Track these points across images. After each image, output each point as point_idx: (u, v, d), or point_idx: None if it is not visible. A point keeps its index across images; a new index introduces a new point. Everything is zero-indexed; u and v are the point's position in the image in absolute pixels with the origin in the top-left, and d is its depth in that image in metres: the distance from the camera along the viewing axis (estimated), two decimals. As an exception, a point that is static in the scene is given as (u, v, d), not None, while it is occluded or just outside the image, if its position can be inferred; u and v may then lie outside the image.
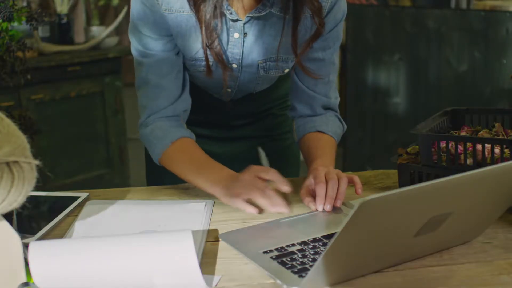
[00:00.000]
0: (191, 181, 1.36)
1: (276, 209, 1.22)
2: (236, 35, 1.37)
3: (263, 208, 1.24)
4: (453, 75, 3.34)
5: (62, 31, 3.41)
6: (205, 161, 1.36)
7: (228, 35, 1.37)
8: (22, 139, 0.95)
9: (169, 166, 1.40)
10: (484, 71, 3.23)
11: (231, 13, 1.34)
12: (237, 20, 1.35)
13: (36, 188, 0.95)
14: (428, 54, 3.43)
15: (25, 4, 3.39)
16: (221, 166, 1.34)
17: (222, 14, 1.33)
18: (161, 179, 1.50)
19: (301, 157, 1.56)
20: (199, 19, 1.32)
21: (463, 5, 4.54)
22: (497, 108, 1.52)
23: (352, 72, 3.80)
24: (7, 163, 0.89)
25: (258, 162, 1.68)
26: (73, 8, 3.51)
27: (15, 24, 1.93)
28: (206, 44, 1.34)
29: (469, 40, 3.26)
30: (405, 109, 3.59)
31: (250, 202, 1.24)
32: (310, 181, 1.28)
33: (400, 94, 3.59)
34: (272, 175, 1.26)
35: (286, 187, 1.25)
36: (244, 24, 1.36)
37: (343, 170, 1.34)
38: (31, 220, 1.25)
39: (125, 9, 3.49)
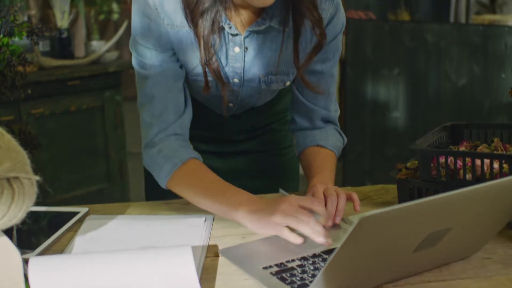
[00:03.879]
0: (204, 205, 1.30)
1: (321, 240, 1.14)
2: (237, 49, 1.38)
3: (308, 237, 1.17)
4: (452, 89, 3.34)
5: (62, 46, 3.42)
6: (220, 184, 1.31)
7: (228, 49, 1.38)
8: (22, 155, 0.95)
9: (178, 189, 1.35)
10: (483, 85, 3.24)
11: (230, 28, 1.34)
12: (237, 35, 1.36)
13: (36, 203, 0.96)
14: (427, 68, 3.44)
15: (25, 18, 3.40)
16: (237, 189, 1.29)
17: (221, 29, 1.34)
18: (161, 194, 1.49)
19: (301, 171, 1.56)
20: (197, 34, 1.33)
21: (462, 19, 4.56)
22: (496, 123, 1.52)
23: (351, 86, 3.81)
24: (8, 179, 0.90)
25: (258, 176, 1.69)
26: (73, 23, 3.53)
27: (16, 39, 1.94)
28: (205, 61, 1.35)
29: (468, 54, 3.27)
30: (405, 123, 3.60)
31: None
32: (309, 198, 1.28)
33: (400, 108, 3.60)
34: (317, 206, 1.21)
35: (330, 222, 1.22)
36: (244, 38, 1.37)
37: (343, 184, 1.34)
38: (31, 235, 1.25)
39: (125, 24, 3.50)
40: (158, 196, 1.50)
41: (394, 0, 5.05)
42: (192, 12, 1.31)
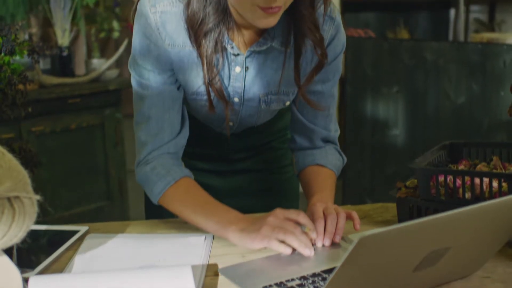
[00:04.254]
0: (197, 223, 1.32)
1: (307, 252, 1.19)
2: (238, 69, 1.38)
3: (296, 249, 1.21)
4: (451, 107, 3.35)
5: (63, 64, 3.44)
6: (212, 203, 1.34)
7: (229, 69, 1.39)
8: (23, 174, 0.96)
9: (170, 206, 1.37)
10: (482, 103, 3.25)
11: (232, 48, 1.35)
12: (238, 55, 1.37)
13: (36, 222, 0.96)
14: (426, 86, 3.45)
15: (26, 37, 3.42)
16: (228, 208, 1.32)
17: (223, 49, 1.35)
18: (161, 213, 1.49)
19: (301, 189, 1.57)
20: (200, 54, 1.34)
21: (461, 37, 4.58)
22: (495, 141, 1.53)
23: (351, 104, 3.82)
24: (9, 198, 0.90)
25: (257, 194, 1.69)
26: (74, 41, 3.54)
27: (17, 57, 1.95)
28: (208, 80, 1.36)
29: (467, 72, 3.28)
30: (404, 141, 3.61)
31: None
32: (308, 217, 1.29)
33: (399, 126, 3.60)
34: (302, 218, 1.25)
35: (314, 234, 1.24)
36: (246, 58, 1.38)
37: (343, 203, 1.35)
38: (31, 254, 1.25)
39: (125, 42, 3.52)
40: (157, 213, 1.51)
41: (393, 18, 5.07)
42: (196, 32, 1.32)
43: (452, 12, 5.41)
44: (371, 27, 4.83)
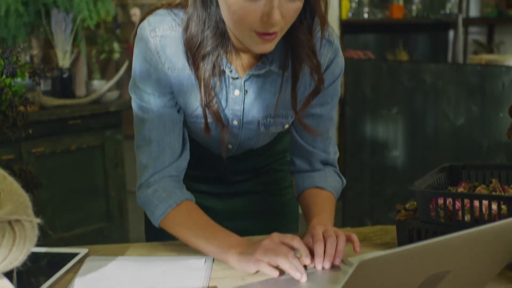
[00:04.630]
0: (197, 246, 1.33)
1: (298, 275, 1.19)
2: (237, 92, 1.39)
3: (287, 272, 1.21)
4: (450, 128, 3.36)
5: (63, 85, 3.45)
6: (213, 227, 1.34)
7: (228, 92, 1.39)
8: (24, 197, 0.96)
9: (171, 229, 1.38)
10: (481, 124, 3.25)
11: (231, 71, 1.36)
12: (237, 78, 1.38)
13: (36, 244, 0.96)
14: (426, 107, 3.46)
15: (28, 58, 3.44)
16: (229, 232, 1.32)
17: (222, 72, 1.36)
18: (161, 235, 1.49)
19: (300, 211, 1.57)
20: (198, 77, 1.35)
21: (460, 59, 4.60)
22: (494, 164, 1.54)
23: (350, 125, 3.83)
24: (9, 222, 0.90)
25: (257, 216, 1.69)
26: (74, 62, 3.56)
27: (18, 79, 1.96)
28: (205, 103, 1.36)
29: (466, 94, 3.29)
30: (404, 162, 3.61)
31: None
32: (308, 239, 1.29)
33: (399, 147, 3.61)
34: (297, 243, 1.25)
35: (307, 259, 1.24)
36: (245, 81, 1.39)
37: (343, 224, 1.35)
38: (30, 276, 1.25)
39: (126, 64, 3.54)
40: (157, 235, 1.51)
41: (392, 40, 5.11)
42: (194, 55, 1.33)
43: (451, 33, 5.45)
44: (371, 48, 4.86)
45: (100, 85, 3.61)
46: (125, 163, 3.61)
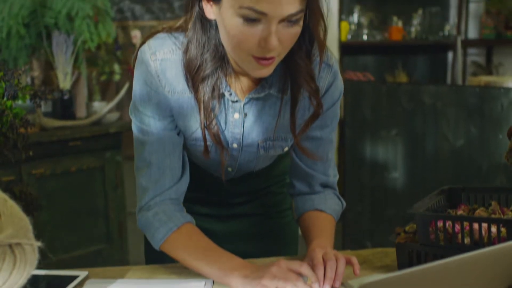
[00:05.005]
0: (199, 269, 1.32)
1: None
2: (237, 115, 1.40)
3: None
4: (450, 149, 3.37)
5: (64, 106, 3.45)
6: (214, 250, 1.34)
7: (227, 115, 1.40)
8: (25, 221, 0.96)
9: (172, 252, 1.37)
10: (480, 146, 3.26)
11: (230, 94, 1.37)
12: (237, 101, 1.39)
13: (36, 266, 0.96)
14: (425, 129, 3.47)
15: (28, 80, 3.46)
16: (230, 254, 1.32)
17: (221, 95, 1.37)
18: (161, 257, 1.49)
19: (300, 233, 1.57)
20: (197, 99, 1.36)
21: (459, 81, 4.63)
22: (493, 186, 1.54)
23: (350, 147, 3.84)
24: (10, 245, 0.90)
25: (257, 239, 1.69)
26: (75, 84, 3.58)
27: (19, 102, 1.97)
28: (204, 125, 1.37)
29: (465, 115, 3.30)
30: (404, 183, 3.61)
31: None
32: (308, 262, 1.29)
33: (398, 169, 3.61)
34: (305, 269, 1.24)
35: (316, 286, 1.24)
36: (244, 104, 1.39)
37: (343, 245, 1.35)
38: (30, 299, 1.25)
39: (126, 85, 3.55)
40: (157, 257, 1.50)
41: (392, 61, 5.13)
42: (193, 78, 1.34)
43: (450, 55, 5.47)
44: (370, 70, 4.89)
45: (101, 107, 3.62)
46: (125, 184, 3.61)
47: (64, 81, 3.44)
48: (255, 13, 1.19)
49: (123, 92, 3.54)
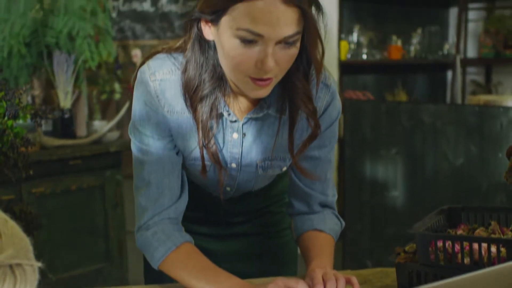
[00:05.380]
0: None
1: None
2: (235, 135, 1.41)
3: None
4: (449, 168, 3.37)
5: (64, 125, 3.46)
6: (213, 269, 1.35)
7: (226, 135, 1.41)
8: (25, 241, 0.96)
9: (171, 271, 1.38)
10: (480, 165, 3.26)
11: (229, 114, 1.38)
12: (235, 121, 1.39)
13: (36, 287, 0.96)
14: (425, 148, 3.47)
15: (29, 98, 3.46)
16: (229, 274, 1.32)
17: (220, 115, 1.37)
18: (160, 277, 1.49)
19: (299, 251, 1.57)
20: (196, 119, 1.36)
21: (458, 99, 4.64)
22: (493, 206, 1.55)
23: (350, 166, 3.84)
24: (10, 266, 0.90)
25: (256, 258, 1.69)
26: (75, 102, 3.58)
27: (20, 121, 1.98)
28: (203, 144, 1.38)
29: (465, 134, 3.31)
30: (404, 202, 3.61)
31: None
32: (307, 282, 1.29)
33: (398, 188, 3.61)
34: (301, 286, 1.25)
35: None
36: (243, 124, 1.40)
37: (343, 264, 1.35)
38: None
39: (127, 104, 3.56)
40: (156, 277, 1.51)
41: (391, 80, 5.15)
42: (191, 97, 1.35)
43: (449, 74, 5.49)
44: (370, 89, 4.90)
45: (101, 126, 3.63)
46: (125, 203, 3.60)
47: (65, 100, 3.45)
48: (252, 35, 1.20)
49: (123, 111, 3.55)
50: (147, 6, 4.34)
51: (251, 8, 1.19)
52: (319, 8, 1.28)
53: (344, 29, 4.52)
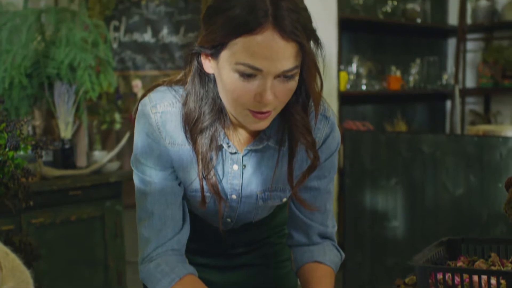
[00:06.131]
0: None
1: None
2: (235, 167, 1.42)
3: None
4: (449, 199, 3.37)
5: (64, 156, 3.46)
6: None
7: (226, 166, 1.42)
8: (26, 274, 0.97)
9: None
10: (480, 195, 3.27)
11: (229, 146, 1.39)
12: (235, 153, 1.40)
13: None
14: (424, 178, 3.48)
15: (30, 129, 3.47)
16: None
17: (220, 147, 1.38)
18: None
19: (299, 282, 1.57)
20: (195, 151, 1.37)
21: (457, 129, 4.66)
22: (493, 237, 1.55)
23: (350, 196, 3.84)
24: (11, 299, 0.91)
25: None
26: (75, 133, 3.59)
27: (21, 152, 1.99)
28: (202, 175, 1.38)
29: (464, 164, 3.32)
30: (404, 232, 3.61)
31: None
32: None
33: (398, 218, 3.61)
34: None
35: None
36: (243, 156, 1.41)
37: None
38: None
39: (127, 135, 3.57)
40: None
41: (390, 110, 5.17)
42: (191, 129, 1.36)
43: (448, 103, 5.52)
44: (369, 119, 4.92)
45: (101, 156, 3.63)
46: (125, 233, 3.60)
47: (65, 131, 3.46)
48: (251, 69, 1.22)
49: (123, 141, 3.56)
50: (148, 37, 4.38)
51: (250, 43, 1.20)
52: (317, 41, 1.29)
53: (343, 60, 4.55)
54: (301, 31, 1.22)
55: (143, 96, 1.43)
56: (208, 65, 1.31)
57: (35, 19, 3.39)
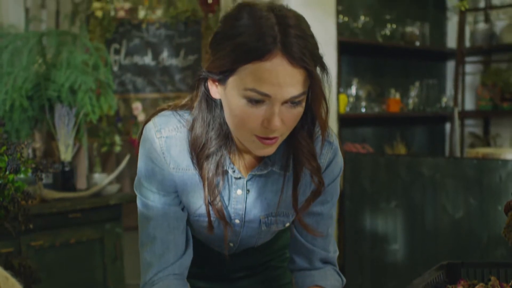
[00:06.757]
0: None
1: None
2: (239, 192, 1.42)
3: None
4: (449, 221, 3.37)
5: (64, 178, 3.46)
6: None
7: (231, 191, 1.42)
8: (26, 299, 0.97)
9: None
10: (480, 218, 3.26)
11: (234, 171, 1.39)
12: (240, 178, 1.40)
13: None
14: (424, 201, 3.48)
15: (30, 151, 3.48)
16: None
17: (225, 172, 1.39)
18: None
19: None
20: (202, 176, 1.37)
21: (457, 151, 4.66)
22: (492, 261, 1.55)
23: (350, 219, 3.84)
24: (11, 324, 0.91)
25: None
26: (75, 155, 3.60)
27: (21, 175, 1.99)
28: (208, 201, 1.39)
29: (464, 187, 3.32)
30: (404, 255, 3.60)
31: None
32: None
33: (398, 241, 3.61)
34: None
35: None
36: (247, 181, 1.41)
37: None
38: None
39: (127, 157, 3.57)
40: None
41: (390, 133, 5.17)
42: (198, 155, 1.37)
43: (448, 126, 5.53)
44: (369, 141, 4.92)
45: (101, 179, 3.63)
46: (125, 256, 3.58)
47: (66, 153, 3.46)
48: (258, 95, 1.22)
49: (123, 164, 3.56)
50: (148, 60, 4.39)
51: (259, 69, 1.21)
52: (324, 68, 1.30)
53: (342, 83, 4.57)
54: (309, 58, 1.22)
55: (148, 120, 1.43)
56: (215, 90, 1.32)
57: (36, 41, 3.41)
